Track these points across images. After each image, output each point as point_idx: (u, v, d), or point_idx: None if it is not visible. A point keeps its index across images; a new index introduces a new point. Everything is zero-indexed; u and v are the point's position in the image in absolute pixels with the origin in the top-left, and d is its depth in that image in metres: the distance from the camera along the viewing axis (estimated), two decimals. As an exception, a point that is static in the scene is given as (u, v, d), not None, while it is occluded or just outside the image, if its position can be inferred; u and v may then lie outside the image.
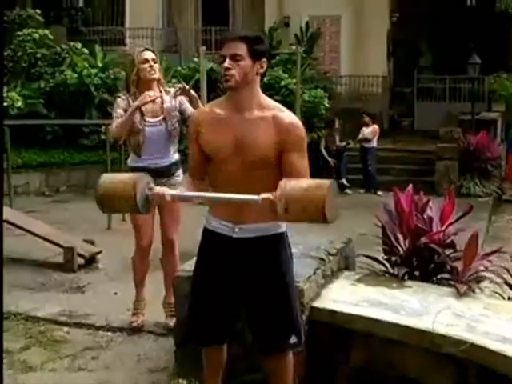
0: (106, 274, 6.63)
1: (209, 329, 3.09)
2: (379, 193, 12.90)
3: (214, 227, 3.03)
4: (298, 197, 2.57)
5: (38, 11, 14.89)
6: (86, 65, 13.30)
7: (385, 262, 4.18)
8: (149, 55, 4.38)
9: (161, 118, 4.39)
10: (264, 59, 2.86)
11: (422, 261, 4.10)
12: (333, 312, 3.47)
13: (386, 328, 3.37)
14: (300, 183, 2.63)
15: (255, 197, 2.70)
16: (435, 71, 18.36)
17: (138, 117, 4.35)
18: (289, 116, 2.89)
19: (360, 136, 13.12)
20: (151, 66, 4.35)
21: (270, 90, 11.44)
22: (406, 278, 4.05)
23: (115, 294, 5.82)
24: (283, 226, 3.02)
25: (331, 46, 17.65)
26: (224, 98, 2.99)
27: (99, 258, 7.00)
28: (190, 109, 4.42)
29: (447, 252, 4.04)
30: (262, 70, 2.86)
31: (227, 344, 3.20)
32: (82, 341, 4.35)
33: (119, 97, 4.50)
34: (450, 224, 4.14)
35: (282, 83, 13.19)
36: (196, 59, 13.83)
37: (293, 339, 3.03)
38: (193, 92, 4.41)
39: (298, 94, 11.98)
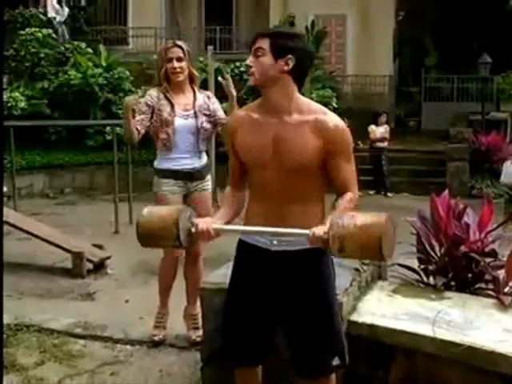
0: (115, 280, 6.45)
1: (243, 348, 2.87)
2: (389, 194, 12.75)
3: (249, 238, 2.81)
4: (353, 237, 2.35)
5: (41, 10, 14.70)
6: (90, 64, 13.14)
7: (420, 272, 3.96)
8: (174, 54, 4.11)
9: (191, 112, 4.17)
10: (290, 56, 2.62)
11: (458, 270, 3.89)
12: (373, 326, 3.25)
13: (430, 343, 3.15)
14: (354, 220, 2.39)
15: (305, 231, 2.51)
16: (441, 70, 18.19)
17: (167, 109, 4.15)
18: (333, 119, 2.68)
19: (378, 135, 12.95)
20: (174, 68, 4.12)
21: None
22: (442, 287, 3.84)
23: (126, 301, 5.62)
24: None
25: (337, 45, 17.50)
26: (259, 101, 2.80)
27: (108, 263, 6.79)
28: (220, 111, 4.22)
29: (487, 261, 3.83)
30: (286, 68, 2.62)
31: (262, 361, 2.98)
32: (99, 355, 4.11)
33: (147, 91, 4.33)
34: (489, 232, 3.92)
35: (291, 83, 13.01)
36: (201, 58, 13.64)
37: (336, 361, 2.80)
38: (232, 89, 4.21)
39: (307, 94, 11.77)
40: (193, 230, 2.67)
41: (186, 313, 4.35)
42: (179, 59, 4.11)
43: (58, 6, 15.24)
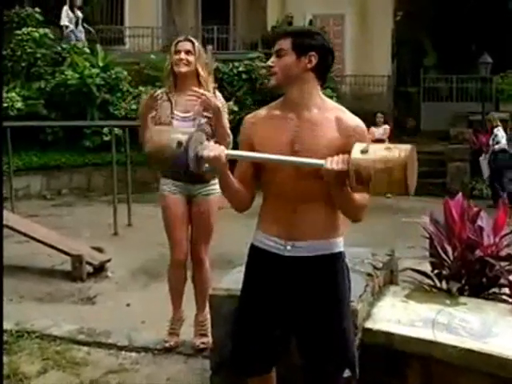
0: (116, 283, 6.36)
1: (256, 357, 2.76)
2: (387, 195, 12.67)
3: (262, 244, 2.71)
4: (373, 162, 2.25)
5: (38, 9, 14.55)
6: (87, 64, 13.02)
7: (433, 276, 3.87)
8: (182, 46, 3.98)
9: (191, 114, 4.00)
10: (312, 53, 2.59)
11: (472, 274, 3.79)
12: (389, 334, 3.15)
13: (448, 351, 3.06)
14: (374, 146, 2.31)
15: (320, 161, 2.42)
16: (440, 70, 18.13)
17: (167, 111, 4.00)
18: (353, 118, 2.63)
19: (377, 136, 12.87)
20: (180, 59, 3.97)
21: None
22: (456, 293, 3.74)
23: (128, 305, 5.52)
24: (340, 245, 2.70)
25: (335, 45, 16.96)
26: (280, 100, 2.74)
27: (108, 265, 6.68)
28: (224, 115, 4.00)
29: (502, 265, 3.74)
30: (310, 65, 2.59)
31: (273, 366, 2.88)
32: (104, 363, 3.98)
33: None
34: (504, 235, 3.83)
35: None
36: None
37: (347, 373, 2.70)
38: (215, 101, 3.90)
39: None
40: (202, 153, 2.53)
41: (195, 319, 4.25)
42: (187, 52, 3.99)
43: (71, 14, 15.08)
